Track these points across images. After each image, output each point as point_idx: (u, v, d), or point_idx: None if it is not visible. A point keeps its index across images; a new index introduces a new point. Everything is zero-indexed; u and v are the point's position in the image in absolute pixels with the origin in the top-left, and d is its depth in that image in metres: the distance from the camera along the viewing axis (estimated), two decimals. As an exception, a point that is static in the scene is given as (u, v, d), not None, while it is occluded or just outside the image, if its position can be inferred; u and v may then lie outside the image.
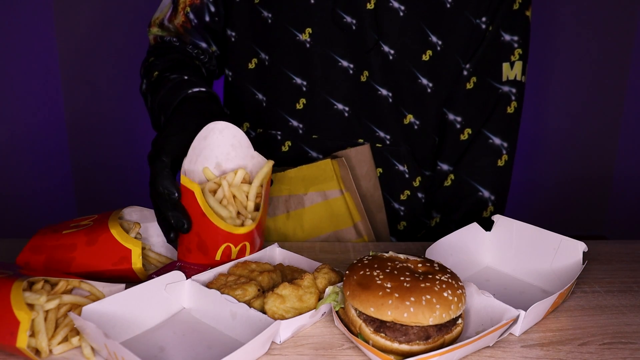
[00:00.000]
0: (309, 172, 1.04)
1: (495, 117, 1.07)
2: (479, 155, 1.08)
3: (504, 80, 1.05)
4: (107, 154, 2.88)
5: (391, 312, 0.62)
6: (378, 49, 1.03)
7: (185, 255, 0.83)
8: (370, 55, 1.03)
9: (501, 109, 1.06)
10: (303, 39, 1.05)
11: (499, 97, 1.06)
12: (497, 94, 1.06)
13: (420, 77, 1.05)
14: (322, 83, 1.07)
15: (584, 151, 3.10)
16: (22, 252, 0.81)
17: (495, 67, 1.05)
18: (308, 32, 1.05)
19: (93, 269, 0.79)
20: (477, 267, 0.88)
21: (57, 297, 0.66)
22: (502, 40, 1.03)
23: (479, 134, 1.08)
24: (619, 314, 0.77)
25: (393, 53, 1.03)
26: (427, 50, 1.03)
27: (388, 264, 0.68)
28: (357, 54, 1.04)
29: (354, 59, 1.05)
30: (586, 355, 0.68)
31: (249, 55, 1.11)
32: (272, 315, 0.69)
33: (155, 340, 0.69)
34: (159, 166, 0.79)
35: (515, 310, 0.69)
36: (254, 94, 1.13)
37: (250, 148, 0.86)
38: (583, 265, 0.79)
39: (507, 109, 1.07)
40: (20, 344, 0.61)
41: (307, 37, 1.05)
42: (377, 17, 1.01)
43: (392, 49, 1.03)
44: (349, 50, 1.04)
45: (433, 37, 1.02)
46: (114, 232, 0.80)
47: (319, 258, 0.93)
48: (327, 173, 1.03)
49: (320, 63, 1.06)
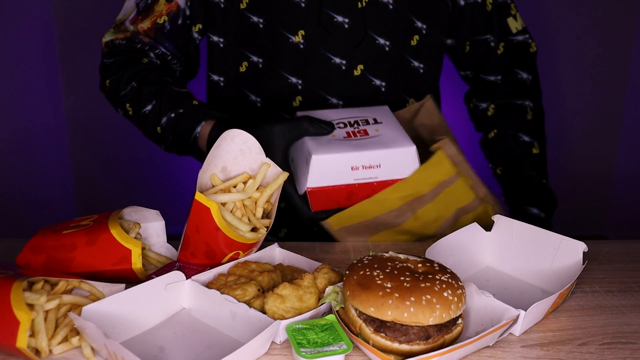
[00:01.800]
0: (427, 170, 0.97)
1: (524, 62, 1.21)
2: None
3: (515, 32, 1.19)
4: (107, 153, 2.88)
5: (391, 312, 0.62)
6: (372, 43, 1.09)
7: (189, 259, 0.83)
8: (364, 49, 1.08)
9: (525, 52, 1.21)
10: (297, 41, 1.08)
11: (517, 45, 1.20)
12: (514, 44, 1.20)
13: (412, 61, 1.13)
14: (317, 81, 1.11)
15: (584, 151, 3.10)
16: (22, 252, 0.81)
17: (505, 24, 1.18)
18: (301, 34, 1.07)
19: (93, 269, 0.79)
20: (477, 267, 0.88)
21: (57, 297, 0.66)
22: (497, 1, 1.16)
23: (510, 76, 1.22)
24: (619, 314, 0.77)
25: (389, 44, 1.10)
26: (414, 35, 1.12)
27: (388, 264, 0.68)
28: (350, 50, 1.09)
29: (347, 55, 1.09)
30: (586, 355, 0.68)
31: (239, 59, 1.12)
32: (272, 315, 0.69)
33: (155, 340, 0.69)
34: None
35: (515, 310, 0.69)
36: (247, 96, 1.14)
37: (261, 154, 0.85)
38: (583, 265, 0.79)
39: (530, 50, 1.21)
40: (20, 344, 0.61)
41: (301, 38, 1.08)
42: (369, 14, 1.07)
43: (387, 40, 1.10)
44: (342, 48, 1.09)
45: (418, 23, 1.11)
46: (114, 232, 0.80)
47: (319, 258, 0.93)
48: (443, 166, 0.97)
49: (315, 62, 1.09)
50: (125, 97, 1.08)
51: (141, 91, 1.06)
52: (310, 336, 0.65)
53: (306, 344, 0.64)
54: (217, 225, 0.77)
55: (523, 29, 1.20)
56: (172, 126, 1.03)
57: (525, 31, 1.20)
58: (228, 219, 0.79)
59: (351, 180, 0.93)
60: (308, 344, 0.64)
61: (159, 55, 1.11)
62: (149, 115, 1.05)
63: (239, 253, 0.82)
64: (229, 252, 0.81)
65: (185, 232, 0.82)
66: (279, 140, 0.92)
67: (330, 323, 0.67)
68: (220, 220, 0.77)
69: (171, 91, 1.05)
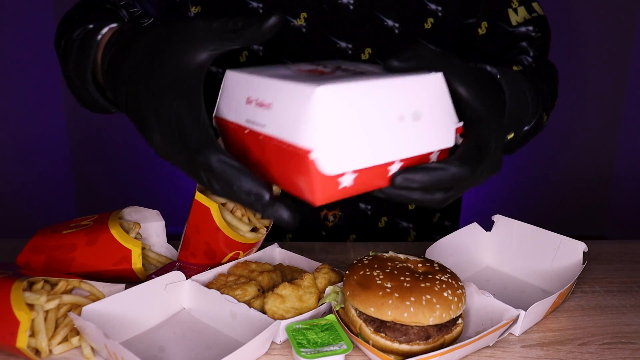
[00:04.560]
0: None
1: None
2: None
3: (514, 25, 1.06)
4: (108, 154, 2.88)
5: (391, 312, 0.62)
6: (380, 24, 1.02)
7: (189, 259, 0.83)
8: (371, 31, 1.02)
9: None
10: (298, 24, 1.02)
11: (518, 38, 1.06)
12: (514, 36, 1.06)
13: (428, 45, 1.04)
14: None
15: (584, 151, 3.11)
16: (22, 252, 0.81)
17: (503, 13, 1.05)
18: (303, 17, 1.02)
19: (93, 269, 0.79)
20: (477, 267, 0.88)
21: (57, 297, 0.66)
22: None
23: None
24: (619, 314, 0.77)
25: (398, 26, 1.03)
26: (428, 18, 1.04)
27: (388, 264, 0.68)
28: (356, 33, 1.03)
29: (352, 38, 1.03)
30: (586, 355, 0.68)
31: (238, 49, 1.03)
32: (272, 315, 0.69)
33: (155, 340, 0.69)
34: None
35: (515, 310, 0.69)
36: None
37: None
38: (583, 265, 0.79)
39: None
40: (20, 344, 0.61)
41: (303, 21, 1.02)
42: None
43: (396, 22, 1.02)
44: (347, 30, 1.03)
45: (432, 5, 1.03)
46: (114, 232, 0.80)
47: (319, 258, 0.93)
48: None
49: (318, 47, 1.03)
50: (60, 34, 0.83)
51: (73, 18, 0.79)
52: (310, 336, 0.65)
53: (306, 344, 0.64)
54: (217, 225, 0.77)
55: (526, 21, 1.05)
56: (75, 48, 0.73)
57: (528, 23, 1.05)
58: (228, 219, 0.79)
59: (243, 120, 0.55)
60: (308, 344, 0.64)
61: (133, 16, 0.92)
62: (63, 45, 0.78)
63: (239, 253, 0.82)
64: (229, 252, 0.81)
65: (185, 232, 0.83)
66: (197, 39, 0.54)
67: (330, 323, 0.67)
68: (220, 220, 0.77)
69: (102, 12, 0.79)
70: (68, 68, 0.74)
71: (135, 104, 0.55)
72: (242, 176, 0.50)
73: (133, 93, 0.55)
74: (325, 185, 0.49)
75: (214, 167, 0.50)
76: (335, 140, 0.48)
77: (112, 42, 0.62)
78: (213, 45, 0.53)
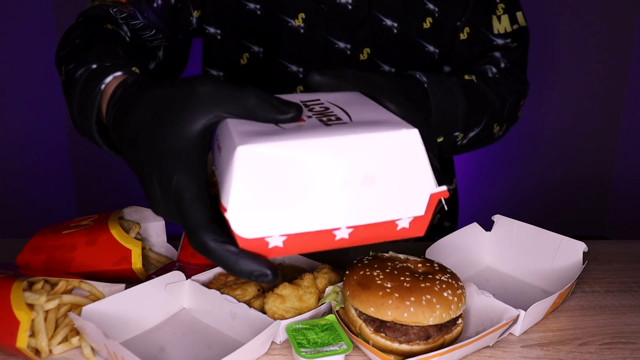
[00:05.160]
0: None
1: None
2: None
3: (495, 33, 1.05)
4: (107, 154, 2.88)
5: (391, 312, 0.62)
6: (379, 24, 1.02)
7: (189, 259, 0.83)
8: (369, 31, 1.01)
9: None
10: (296, 25, 1.01)
11: (494, 48, 1.05)
12: (492, 45, 1.05)
13: (427, 45, 1.05)
14: (319, 68, 1.05)
15: (584, 151, 3.11)
16: (22, 252, 0.81)
17: (487, 18, 1.04)
18: (301, 17, 1.01)
19: (93, 269, 0.79)
20: (477, 267, 0.88)
21: (57, 297, 0.66)
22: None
23: None
24: (619, 314, 0.77)
25: (396, 26, 1.02)
26: (426, 18, 1.04)
27: (388, 264, 0.68)
28: (355, 33, 1.02)
29: (351, 37, 1.02)
30: (586, 355, 0.68)
31: (239, 52, 1.06)
32: (272, 315, 0.69)
33: (155, 340, 0.69)
34: None
35: (515, 310, 0.69)
36: None
37: None
38: (583, 265, 0.79)
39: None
40: (20, 344, 0.61)
41: (301, 22, 1.01)
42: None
43: (394, 22, 1.02)
44: (345, 30, 1.02)
45: (430, 5, 1.03)
46: (114, 232, 0.80)
47: (319, 258, 0.92)
48: None
49: (317, 48, 1.03)
50: (61, 59, 0.80)
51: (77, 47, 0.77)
52: (310, 336, 0.65)
53: (306, 344, 0.64)
54: None
55: (506, 34, 1.04)
56: (79, 85, 0.71)
57: (507, 35, 1.05)
58: None
59: (215, 148, 0.55)
60: (308, 344, 0.64)
61: (135, 28, 0.92)
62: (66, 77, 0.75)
63: None
64: None
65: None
66: (202, 107, 0.52)
67: (330, 323, 0.67)
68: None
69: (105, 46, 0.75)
70: (72, 106, 0.73)
71: (139, 172, 0.55)
72: (241, 260, 0.49)
73: (137, 158, 0.55)
74: (248, 243, 0.47)
75: (211, 250, 0.50)
76: (250, 203, 0.46)
77: (116, 98, 0.61)
78: (218, 112, 0.51)
